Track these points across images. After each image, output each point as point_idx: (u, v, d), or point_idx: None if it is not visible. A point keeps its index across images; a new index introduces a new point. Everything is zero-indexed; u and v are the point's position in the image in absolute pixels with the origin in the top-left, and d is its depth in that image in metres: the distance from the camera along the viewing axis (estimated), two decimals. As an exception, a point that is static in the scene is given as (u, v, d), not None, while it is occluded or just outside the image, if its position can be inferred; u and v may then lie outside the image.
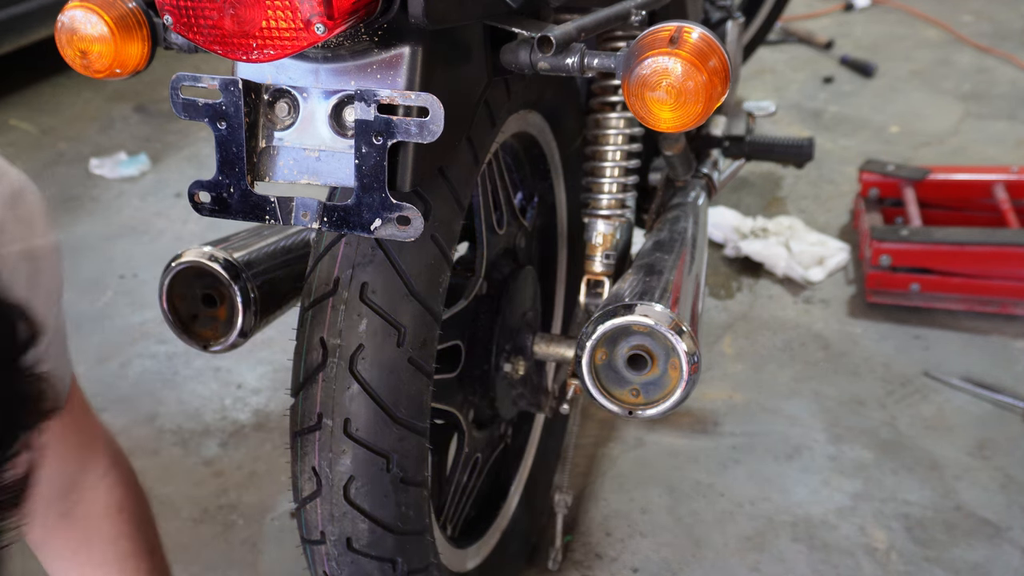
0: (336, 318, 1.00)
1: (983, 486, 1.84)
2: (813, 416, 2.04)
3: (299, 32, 0.77)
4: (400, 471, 1.03)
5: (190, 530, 1.78)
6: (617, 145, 1.41)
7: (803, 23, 4.41)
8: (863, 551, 1.71)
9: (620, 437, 1.99)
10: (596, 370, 1.08)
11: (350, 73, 0.88)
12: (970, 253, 2.30)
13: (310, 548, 1.08)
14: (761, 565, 1.69)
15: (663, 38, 0.85)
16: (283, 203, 0.90)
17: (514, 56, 0.96)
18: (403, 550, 1.08)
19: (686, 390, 1.05)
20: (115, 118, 3.68)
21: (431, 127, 0.84)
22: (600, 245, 1.43)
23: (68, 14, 0.93)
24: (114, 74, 0.95)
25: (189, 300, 1.27)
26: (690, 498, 1.83)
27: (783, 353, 2.25)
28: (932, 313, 2.35)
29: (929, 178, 2.61)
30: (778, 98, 3.67)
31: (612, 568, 1.69)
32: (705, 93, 0.84)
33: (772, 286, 2.50)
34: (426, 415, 1.06)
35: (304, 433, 1.03)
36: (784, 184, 3.01)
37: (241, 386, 2.14)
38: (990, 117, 3.47)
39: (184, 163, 3.32)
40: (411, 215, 0.87)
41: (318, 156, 0.90)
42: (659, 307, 1.06)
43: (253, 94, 0.89)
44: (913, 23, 4.44)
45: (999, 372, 2.15)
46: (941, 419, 2.02)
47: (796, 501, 1.82)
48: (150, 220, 2.95)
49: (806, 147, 2.16)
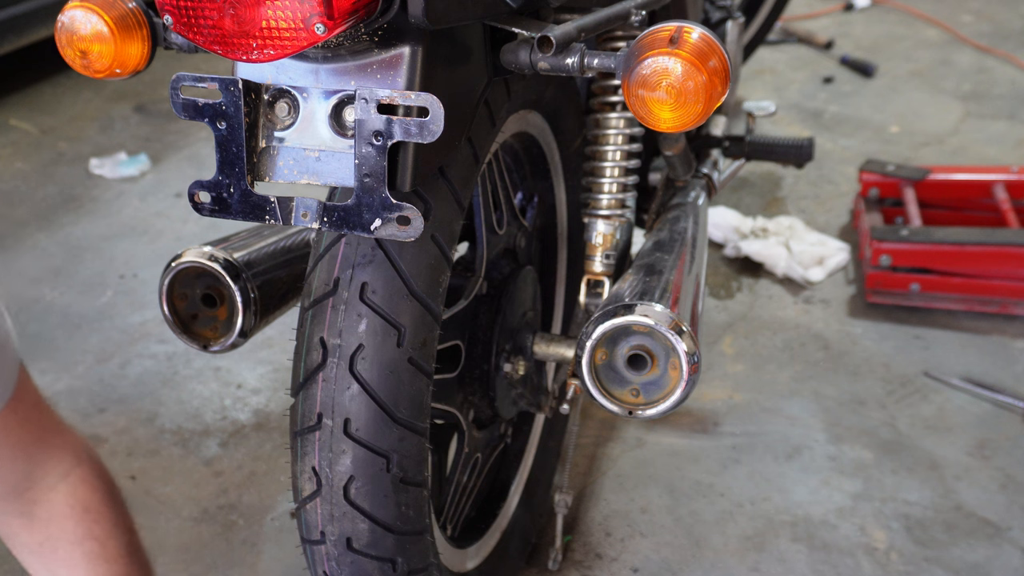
0: (336, 318, 1.00)
1: (983, 486, 1.84)
2: (813, 416, 2.04)
3: (299, 32, 0.77)
4: (400, 471, 1.03)
5: (190, 530, 1.78)
6: (617, 145, 1.41)
7: (803, 23, 4.41)
8: (863, 551, 1.71)
9: (620, 437, 1.99)
10: (596, 370, 1.08)
11: (350, 73, 0.88)
12: (970, 253, 2.30)
13: (310, 548, 1.08)
14: (761, 565, 1.69)
15: (663, 38, 0.85)
16: (283, 203, 0.90)
17: (514, 56, 0.96)
18: (403, 550, 1.08)
19: (686, 390, 1.05)
20: (115, 118, 3.68)
21: (431, 127, 0.84)
22: (600, 245, 1.43)
23: (68, 14, 0.93)
24: (114, 74, 0.95)
25: (189, 300, 1.27)
26: (690, 498, 1.83)
27: (783, 353, 2.25)
28: (932, 313, 2.35)
29: (929, 178, 2.61)
30: (778, 98, 3.67)
31: (612, 568, 1.69)
32: (705, 93, 0.84)
33: (772, 286, 2.50)
34: (426, 415, 1.06)
35: (304, 433, 1.03)
36: (784, 184, 3.01)
37: (241, 386, 2.14)
38: (990, 117, 3.47)
39: (184, 163, 3.32)
40: (411, 215, 0.87)
41: (318, 156, 0.90)
42: (659, 307, 1.06)
43: (253, 94, 0.89)
44: (913, 23, 4.44)
45: (999, 372, 2.15)
46: (941, 419, 2.02)
47: (796, 501, 1.82)
48: (150, 220, 2.95)
49: (806, 147, 2.16)
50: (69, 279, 2.64)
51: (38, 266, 2.71)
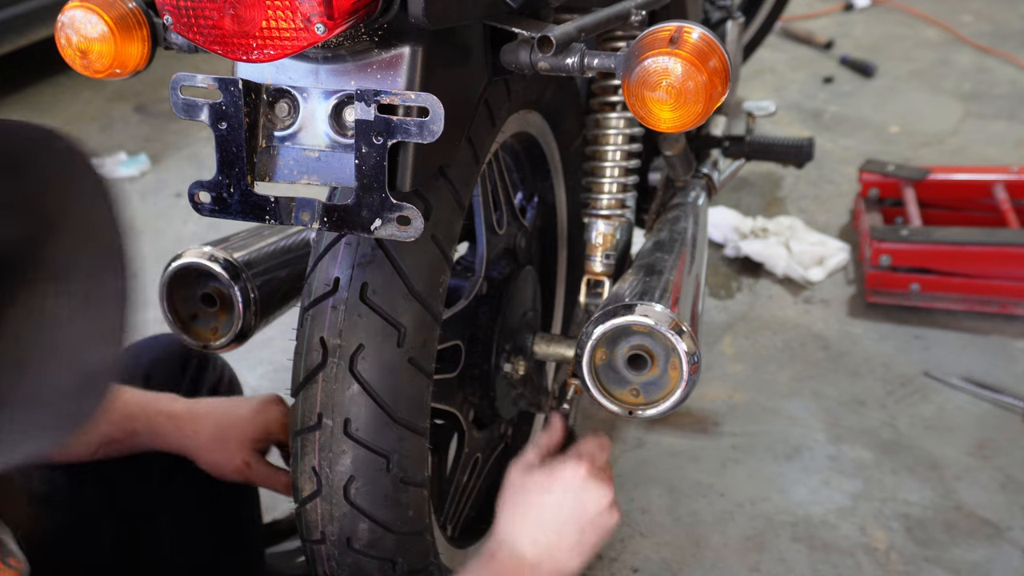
0: (336, 318, 1.00)
1: (983, 486, 1.84)
2: (813, 416, 2.04)
3: (299, 32, 0.77)
4: (400, 471, 1.03)
5: (190, 530, 1.77)
6: (617, 145, 1.41)
7: (803, 23, 4.41)
8: (863, 551, 1.71)
9: (620, 437, 1.99)
10: (596, 370, 1.08)
11: (350, 73, 0.88)
12: (970, 253, 2.30)
13: (310, 548, 1.08)
14: (761, 565, 1.69)
15: (663, 38, 0.85)
16: (283, 203, 0.90)
17: (514, 56, 0.96)
18: (403, 550, 1.08)
19: (686, 390, 1.05)
20: (115, 118, 3.68)
21: (431, 127, 0.84)
22: (600, 245, 1.43)
23: (68, 14, 0.93)
24: (114, 74, 0.95)
25: (189, 300, 1.27)
26: (690, 498, 1.83)
27: (783, 353, 2.25)
28: (932, 313, 2.35)
29: (929, 178, 2.61)
30: (778, 98, 3.67)
31: (612, 568, 1.69)
32: (705, 93, 0.83)
33: (772, 286, 2.50)
34: (426, 415, 1.06)
35: (304, 433, 1.03)
36: (784, 184, 3.01)
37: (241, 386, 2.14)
38: (990, 117, 3.47)
39: (184, 163, 3.32)
40: (411, 215, 0.87)
41: (318, 156, 0.90)
42: (659, 307, 1.06)
43: (253, 94, 0.89)
44: (913, 23, 4.44)
45: (999, 372, 2.15)
46: (941, 419, 2.02)
47: (796, 501, 1.82)
48: (150, 220, 2.95)
49: (806, 147, 2.16)
50: (69, 279, 2.63)
51: (38, 266, 2.70)
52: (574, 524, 1.08)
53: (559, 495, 1.09)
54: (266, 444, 1.34)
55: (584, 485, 1.09)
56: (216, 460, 1.29)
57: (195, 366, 1.42)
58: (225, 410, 1.31)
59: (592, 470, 1.11)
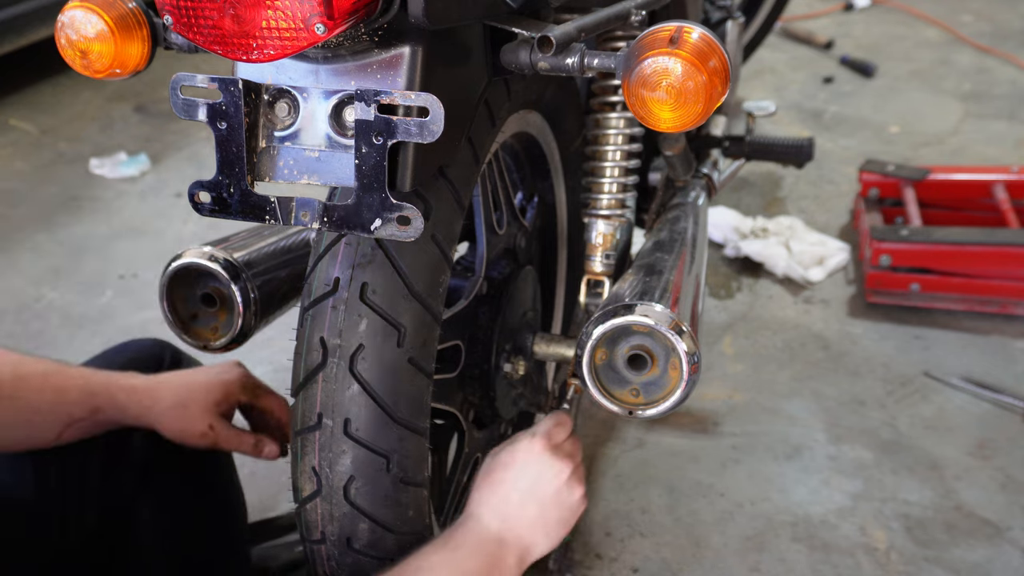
0: (336, 318, 1.00)
1: (983, 486, 1.84)
2: (813, 416, 2.04)
3: (299, 32, 0.77)
4: (400, 471, 1.03)
5: (190, 530, 1.77)
6: (617, 145, 1.41)
7: (803, 23, 4.41)
8: (863, 551, 1.71)
9: (620, 437, 1.99)
10: (596, 370, 1.08)
11: (350, 73, 0.88)
12: (970, 253, 2.30)
13: (310, 548, 1.08)
14: (761, 565, 1.69)
15: (663, 38, 0.85)
16: (283, 203, 0.90)
17: (514, 56, 0.96)
18: (403, 550, 1.08)
19: (686, 390, 1.05)
20: (115, 118, 3.68)
21: (431, 127, 0.84)
22: (600, 245, 1.43)
23: (68, 14, 0.93)
24: (114, 74, 0.95)
25: (189, 300, 1.27)
26: (690, 498, 1.83)
27: (783, 353, 2.25)
28: (932, 313, 2.35)
29: (929, 178, 2.61)
30: (778, 98, 3.67)
31: (612, 568, 1.69)
32: (705, 93, 0.83)
33: (772, 286, 2.50)
34: (426, 415, 1.06)
35: (304, 433, 1.03)
36: (784, 184, 3.01)
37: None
38: (990, 117, 3.47)
39: (184, 163, 3.32)
40: (411, 215, 0.87)
41: (318, 156, 0.90)
42: (659, 307, 1.06)
43: (253, 94, 0.89)
44: (913, 23, 4.44)
45: (999, 372, 2.15)
46: (941, 419, 2.02)
47: (796, 501, 1.82)
48: (150, 220, 2.95)
49: (806, 147, 2.16)
50: (69, 279, 2.64)
51: (38, 266, 2.71)
52: (532, 498, 1.10)
53: (516, 470, 1.12)
54: (228, 407, 1.35)
55: (540, 459, 1.12)
56: (180, 427, 1.30)
57: (168, 367, 1.42)
58: (184, 378, 1.33)
59: (548, 446, 1.13)
